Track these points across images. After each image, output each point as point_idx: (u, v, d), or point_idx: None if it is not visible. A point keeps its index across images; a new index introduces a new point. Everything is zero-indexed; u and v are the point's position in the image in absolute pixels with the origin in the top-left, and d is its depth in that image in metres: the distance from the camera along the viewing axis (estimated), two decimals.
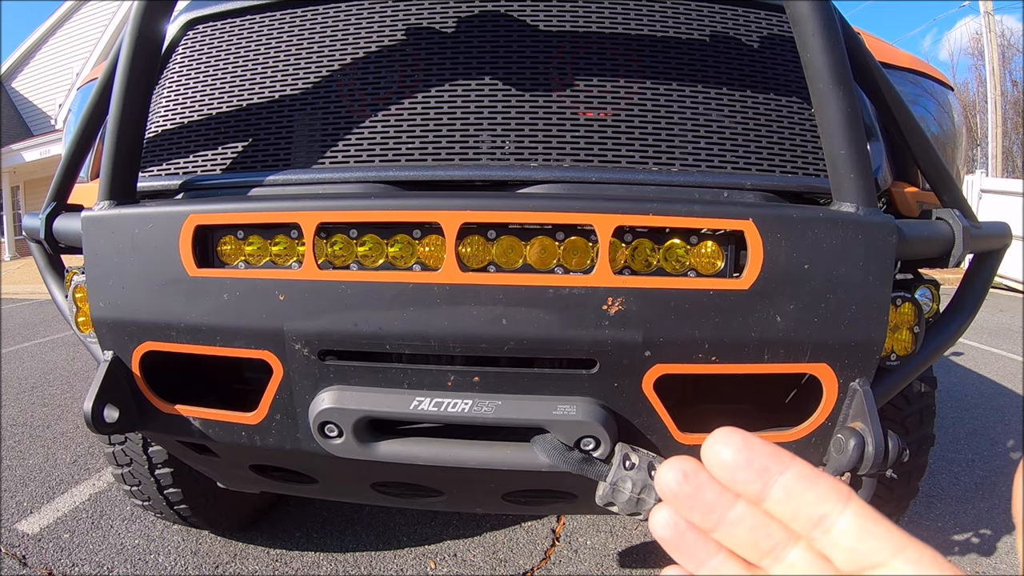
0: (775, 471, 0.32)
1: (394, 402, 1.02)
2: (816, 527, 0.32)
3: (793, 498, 0.32)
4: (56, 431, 3.33)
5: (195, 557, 2.09)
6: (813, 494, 0.32)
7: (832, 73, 0.97)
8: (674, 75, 1.11)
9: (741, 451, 0.32)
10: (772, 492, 0.32)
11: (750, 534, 0.33)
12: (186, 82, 1.27)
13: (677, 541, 0.35)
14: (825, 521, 0.31)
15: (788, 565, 0.33)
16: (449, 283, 0.95)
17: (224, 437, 1.16)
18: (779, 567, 0.33)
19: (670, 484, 0.34)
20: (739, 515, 0.33)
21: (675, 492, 0.34)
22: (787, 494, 0.32)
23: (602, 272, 0.94)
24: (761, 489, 0.32)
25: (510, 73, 1.11)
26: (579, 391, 1.01)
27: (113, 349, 1.13)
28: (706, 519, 0.34)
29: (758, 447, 0.33)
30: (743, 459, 0.32)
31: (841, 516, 0.31)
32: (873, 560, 0.30)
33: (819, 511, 0.31)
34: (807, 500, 0.32)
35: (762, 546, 0.33)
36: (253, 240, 1.04)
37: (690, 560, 0.35)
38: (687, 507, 0.34)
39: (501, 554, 2.11)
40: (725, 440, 0.33)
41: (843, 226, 0.96)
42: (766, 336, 0.97)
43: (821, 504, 0.31)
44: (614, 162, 1.08)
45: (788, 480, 0.32)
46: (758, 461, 0.32)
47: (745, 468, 0.32)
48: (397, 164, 1.10)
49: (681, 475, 0.34)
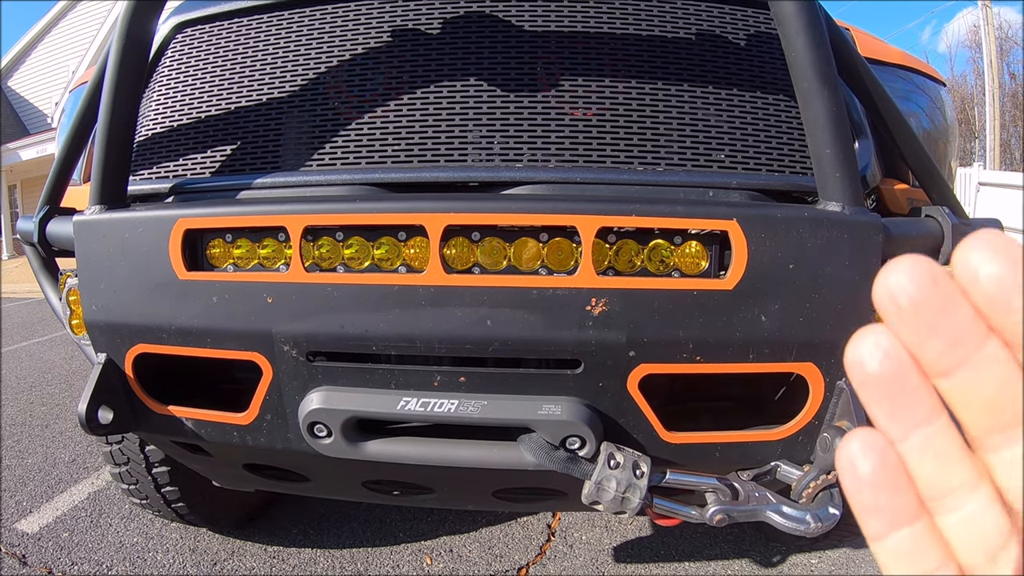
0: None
1: (381, 402, 1.03)
2: (1003, 432, 0.22)
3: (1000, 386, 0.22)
4: (55, 430, 3.34)
5: (193, 554, 2.10)
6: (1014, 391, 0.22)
7: (817, 72, 0.97)
8: (659, 74, 1.12)
9: (1014, 267, 0.21)
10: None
11: (996, 391, 0.22)
12: (175, 85, 1.27)
13: (893, 380, 0.23)
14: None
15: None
16: (434, 284, 0.96)
17: (216, 437, 1.17)
18: (1011, 450, 0.23)
19: (907, 288, 0.22)
20: (989, 358, 0.22)
21: (915, 303, 0.22)
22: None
23: (585, 273, 0.94)
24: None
25: (495, 74, 1.11)
26: (564, 391, 1.02)
27: (106, 351, 1.14)
28: (946, 356, 0.22)
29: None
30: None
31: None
32: None
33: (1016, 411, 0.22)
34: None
35: (1004, 415, 0.22)
36: (241, 243, 1.05)
37: (901, 418, 0.24)
38: (925, 331, 0.22)
39: (496, 549, 2.12)
40: (997, 247, 0.21)
41: (828, 225, 0.97)
42: (751, 336, 0.98)
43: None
44: (599, 162, 1.09)
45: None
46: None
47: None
48: (383, 166, 1.10)
49: (928, 276, 0.22)
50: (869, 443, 0.24)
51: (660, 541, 2.16)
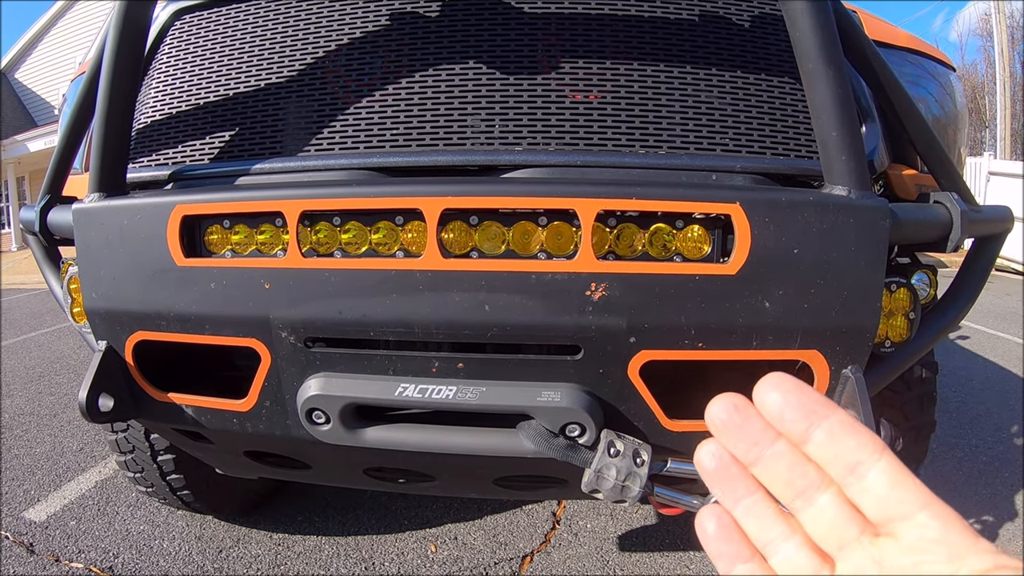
0: (821, 415, 0.33)
1: (379, 388, 1.02)
2: (851, 473, 0.33)
3: (834, 442, 0.33)
4: (63, 419, 3.36)
5: (199, 542, 2.11)
6: (853, 441, 0.33)
7: (822, 53, 0.95)
8: (661, 56, 1.10)
9: (792, 393, 0.34)
10: (815, 435, 0.33)
11: (787, 472, 0.34)
12: (173, 72, 1.26)
13: (720, 473, 0.36)
14: (860, 467, 0.32)
15: (818, 508, 0.34)
16: (432, 269, 0.95)
17: (216, 424, 1.17)
18: (810, 509, 0.34)
19: (720, 415, 0.35)
20: (779, 452, 0.34)
21: (724, 422, 0.35)
22: (829, 437, 0.33)
23: (585, 257, 0.93)
24: (805, 430, 0.33)
25: (495, 57, 1.09)
26: (564, 377, 1.01)
27: (107, 339, 1.14)
28: (749, 452, 0.35)
29: (808, 392, 0.34)
30: (794, 400, 0.34)
31: (875, 466, 0.32)
32: (900, 511, 0.31)
33: (856, 458, 0.32)
34: (847, 446, 0.33)
35: (797, 485, 0.34)
36: (239, 229, 1.04)
37: (729, 495, 0.36)
38: (733, 438, 0.35)
39: (501, 537, 2.12)
40: (777, 383, 0.34)
41: (834, 210, 0.95)
42: (754, 322, 0.96)
43: (859, 452, 0.32)
44: (600, 145, 1.07)
45: (832, 425, 0.33)
46: (807, 404, 0.33)
47: (795, 409, 0.33)
48: (381, 150, 1.09)
49: (732, 407, 0.35)
50: (709, 511, 0.37)
51: (665, 530, 2.15)
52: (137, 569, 1.96)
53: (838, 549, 0.34)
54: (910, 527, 0.31)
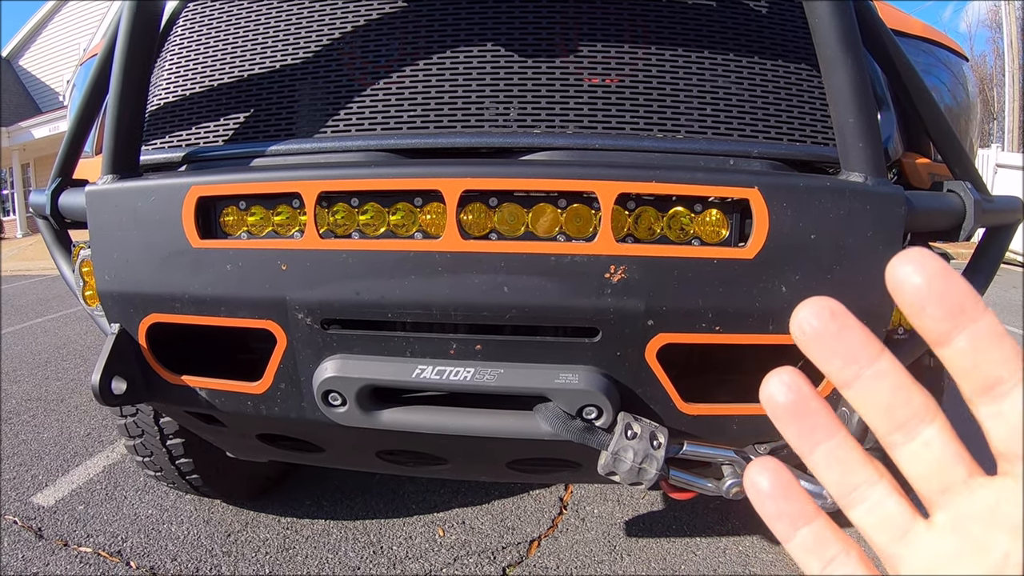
0: (969, 316, 0.25)
1: (396, 370, 1.02)
2: (986, 392, 0.26)
3: (977, 352, 0.25)
4: (70, 404, 3.38)
5: (207, 526, 2.13)
6: (999, 355, 0.25)
7: (840, 39, 0.95)
8: (680, 40, 1.09)
9: (939, 279, 0.25)
10: (957, 340, 0.26)
11: (891, 395, 0.27)
12: (187, 54, 1.26)
13: (797, 408, 0.29)
14: (999, 387, 0.25)
15: (922, 442, 0.28)
16: (450, 251, 0.95)
17: (230, 407, 1.17)
18: (910, 444, 0.28)
19: (810, 320, 0.28)
20: (882, 371, 0.27)
21: (816, 330, 0.28)
22: (973, 345, 0.25)
23: (604, 240, 0.93)
24: (948, 332, 0.26)
25: (513, 39, 1.09)
26: (581, 360, 1.01)
27: (120, 322, 1.14)
28: (845, 368, 0.28)
29: (958, 282, 0.26)
30: (941, 289, 0.25)
31: (1017, 388, 0.25)
32: None
33: (997, 373, 0.25)
34: (990, 359, 0.25)
35: (899, 414, 0.28)
36: (255, 210, 1.04)
37: (807, 437, 0.30)
38: (827, 351, 0.28)
39: (509, 522, 2.13)
40: (920, 260, 0.26)
41: (850, 196, 0.95)
42: (770, 306, 0.96)
43: (1003, 367, 0.25)
44: (618, 129, 1.07)
45: (979, 330, 0.25)
46: (956, 298, 0.25)
47: (940, 301, 0.25)
48: (399, 132, 1.09)
49: (827, 312, 0.28)
50: (763, 466, 0.32)
51: (672, 516, 2.16)
52: (146, 553, 1.98)
53: (941, 493, 0.27)
54: None
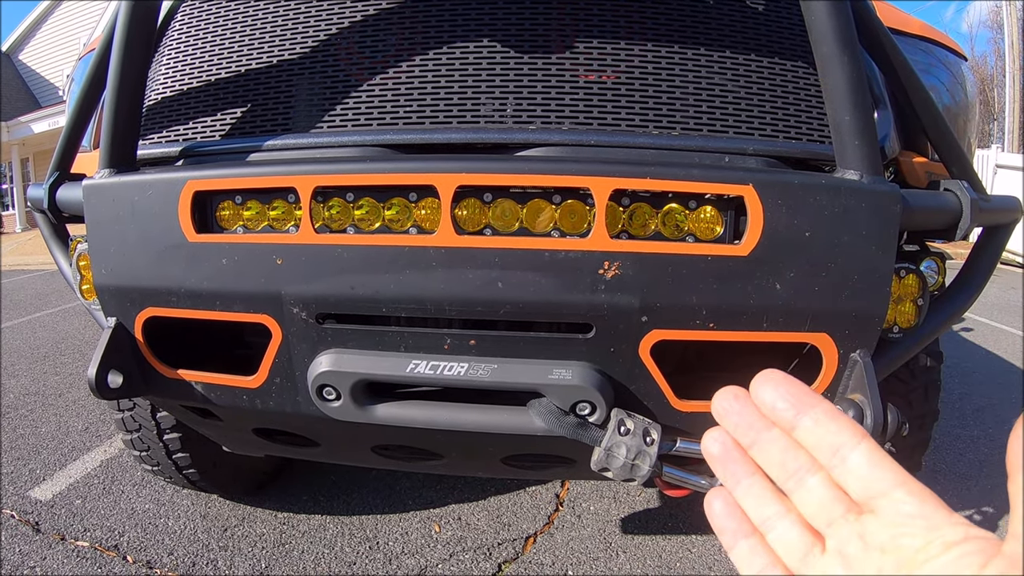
0: (808, 405, 0.37)
1: (391, 365, 1.03)
2: (835, 455, 0.36)
3: (819, 427, 0.37)
4: (68, 399, 3.38)
5: (204, 520, 2.13)
6: (835, 426, 0.37)
7: (837, 37, 0.95)
8: (676, 37, 1.09)
9: (783, 385, 0.38)
10: (803, 421, 0.37)
11: (781, 454, 0.39)
12: (184, 49, 1.26)
13: (724, 457, 0.41)
14: (842, 450, 0.36)
15: (808, 488, 0.38)
16: (445, 246, 0.95)
17: (226, 401, 1.17)
18: (801, 490, 0.38)
19: (723, 403, 0.40)
20: (774, 437, 0.39)
21: (726, 409, 0.40)
22: (815, 423, 0.37)
23: (599, 236, 0.93)
24: (794, 417, 0.38)
25: (509, 35, 1.09)
26: (575, 356, 1.01)
27: (116, 315, 1.14)
28: (747, 435, 0.40)
29: (798, 385, 0.38)
30: (784, 392, 0.38)
31: (856, 449, 0.36)
32: (879, 489, 0.35)
33: (838, 441, 0.36)
34: (830, 430, 0.37)
35: (789, 467, 0.38)
36: (251, 205, 1.04)
37: (731, 476, 0.41)
38: (734, 424, 0.40)
39: (505, 518, 2.14)
40: (770, 377, 0.39)
41: (846, 194, 0.95)
42: (765, 304, 0.97)
43: (840, 436, 0.36)
44: (614, 125, 1.07)
45: (817, 413, 0.37)
46: (796, 395, 0.38)
47: (785, 399, 0.38)
48: (394, 127, 1.09)
49: (732, 396, 0.40)
50: (716, 492, 0.42)
51: (668, 513, 2.17)
52: (142, 548, 1.98)
53: (827, 526, 0.37)
54: (889, 503, 0.34)
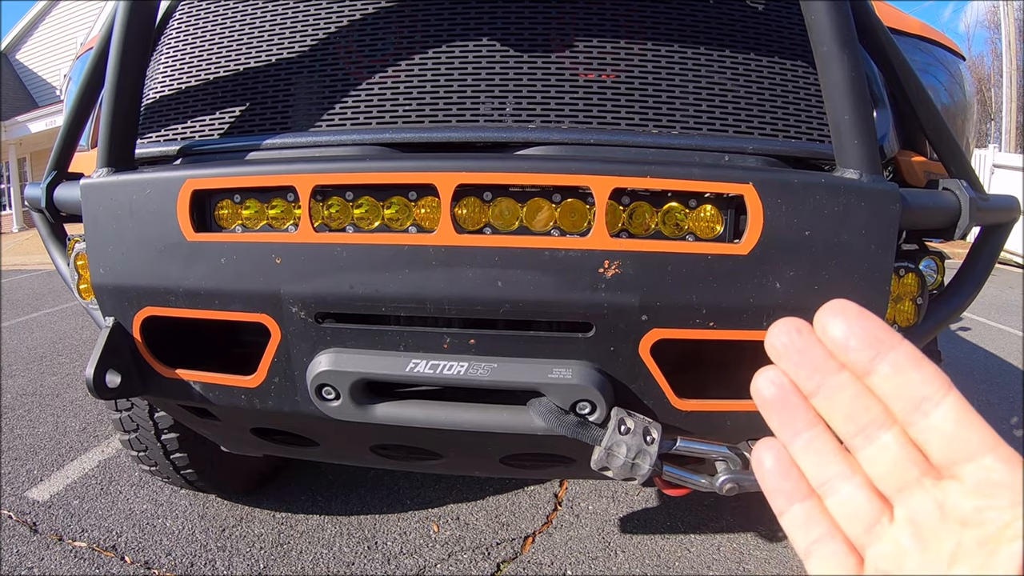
0: (888, 345, 0.31)
1: (390, 364, 1.02)
2: (916, 409, 0.31)
3: (900, 375, 0.31)
4: (65, 399, 3.37)
5: (202, 521, 2.13)
6: (919, 375, 0.31)
7: (836, 36, 0.95)
8: (676, 36, 1.09)
9: (856, 320, 0.32)
10: (880, 367, 0.31)
11: (850, 404, 0.33)
12: (183, 48, 1.25)
13: (780, 402, 0.35)
14: (925, 404, 0.31)
15: (880, 446, 0.32)
16: (444, 245, 0.95)
17: (224, 400, 1.17)
18: (870, 447, 0.33)
19: (781, 337, 0.34)
20: (843, 383, 0.33)
21: (785, 345, 0.34)
22: (895, 369, 0.31)
23: (599, 234, 0.93)
24: (870, 361, 0.32)
25: (508, 34, 1.09)
26: (575, 355, 1.01)
27: (114, 315, 1.14)
28: (810, 380, 0.34)
29: (873, 320, 0.32)
30: (858, 328, 0.32)
31: (942, 403, 0.30)
32: (966, 452, 0.30)
33: (922, 392, 0.31)
34: (912, 380, 0.31)
35: (859, 420, 0.33)
36: (250, 204, 1.04)
37: (787, 427, 0.35)
38: (794, 363, 0.34)
39: (503, 518, 2.14)
40: (841, 309, 0.32)
41: (846, 192, 0.95)
42: (765, 302, 0.96)
43: (925, 387, 0.31)
44: (614, 124, 1.06)
45: (898, 356, 0.31)
46: (874, 333, 0.32)
47: (860, 337, 0.32)
48: (394, 126, 1.08)
49: (794, 330, 0.34)
50: (769, 445, 0.36)
51: (666, 512, 2.17)
52: (140, 548, 1.98)
53: (898, 491, 0.32)
54: (975, 469, 0.30)
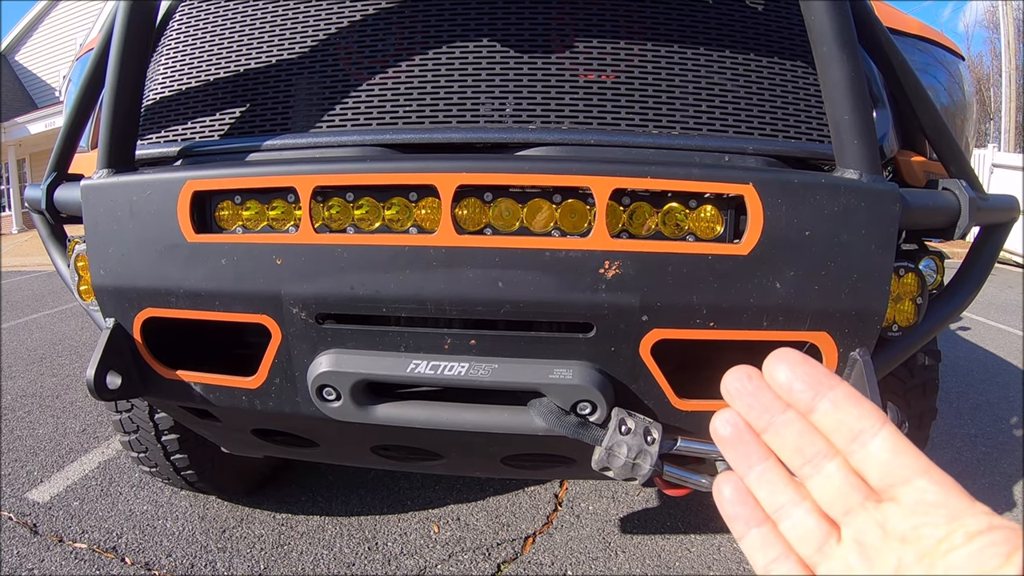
0: (827, 386, 0.35)
1: (391, 365, 1.02)
2: (855, 440, 0.34)
3: (839, 411, 0.35)
4: (65, 401, 3.37)
5: (203, 522, 2.13)
6: (856, 410, 0.34)
7: (836, 36, 0.95)
8: (676, 36, 1.09)
9: (800, 366, 0.36)
10: (821, 404, 0.35)
11: (796, 439, 0.36)
12: (183, 48, 1.25)
13: (734, 439, 0.38)
14: (863, 436, 0.34)
15: (825, 475, 0.36)
16: (445, 245, 0.95)
17: (225, 401, 1.17)
18: (817, 477, 0.36)
19: (734, 383, 0.37)
20: (789, 420, 0.36)
21: (738, 390, 0.37)
22: (834, 407, 0.35)
23: (599, 235, 0.93)
24: (812, 400, 0.35)
25: (508, 34, 1.09)
26: (576, 355, 1.01)
27: (115, 316, 1.14)
28: (760, 419, 0.37)
29: (815, 365, 0.36)
30: (801, 372, 0.35)
31: (878, 435, 0.34)
32: (901, 477, 0.33)
33: (859, 426, 0.34)
34: (850, 415, 0.34)
35: (805, 452, 0.36)
36: (250, 205, 1.04)
37: (743, 460, 0.38)
38: (746, 405, 0.37)
39: (504, 518, 2.14)
40: (785, 357, 0.36)
41: (845, 193, 0.95)
42: (765, 303, 0.97)
43: (862, 420, 0.34)
44: (614, 124, 1.07)
45: (837, 395, 0.35)
46: (814, 376, 0.35)
47: (802, 380, 0.35)
48: (394, 127, 1.09)
49: (745, 376, 0.37)
50: (726, 477, 0.39)
51: (666, 512, 2.17)
52: (141, 549, 1.98)
53: (844, 514, 0.35)
54: (910, 492, 0.33)
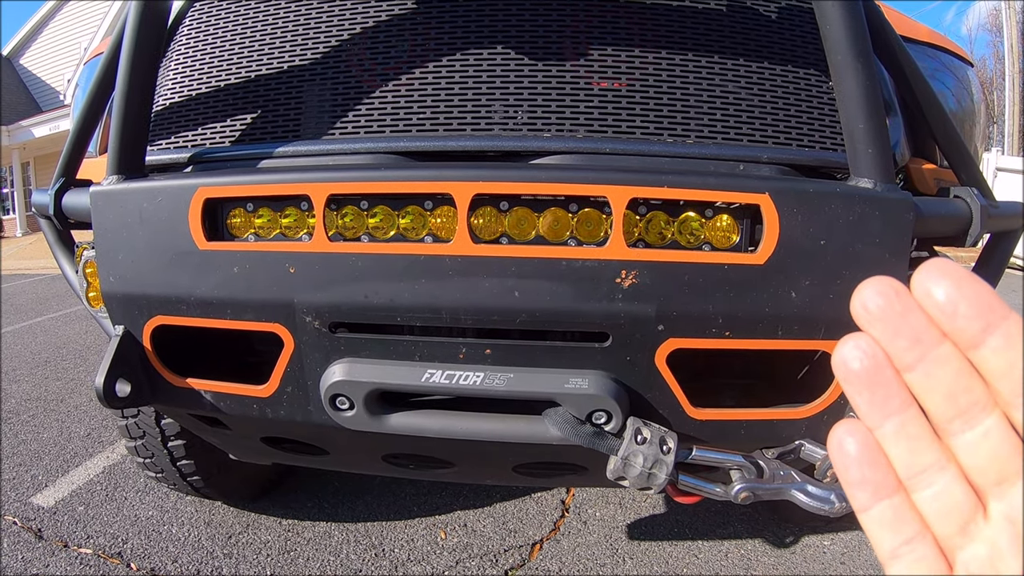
0: (1000, 315, 0.26)
1: (405, 374, 1.02)
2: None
3: (1012, 349, 0.26)
4: (70, 405, 3.37)
5: (208, 527, 2.12)
6: None
7: (851, 45, 0.95)
8: (691, 45, 1.09)
9: (967, 284, 0.26)
10: (990, 339, 0.26)
11: (952, 382, 0.27)
12: (194, 54, 1.25)
13: (870, 376, 0.29)
14: None
15: (981, 432, 0.27)
16: (461, 255, 0.94)
17: (235, 410, 1.16)
18: (969, 433, 0.28)
19: (875, 299, 0.28)
20: (945, 356, 0.27)
21: (881, 308, 0.28)
22: (1008, 343, 0.26)
23: (616, 244, 0.93)
24: (980, 332, 0.26)
25: (523, 42, 1.08)
26: (591, 364, 1.00)
27: (124, 324, 1.13)
28: (909, 352, 0.28)
29: (983, 285, 0.26)
30: (970, 293, 0.26)
31: None
32: None
33: None
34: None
35: (960, 401, 0.27)
36: (263, 212, 1.04)
37: (877, 407, 0.29)
38: (890, 332, 0.28)
39: (511, 524, 2.13)
40: (946, 270, 0.27)
41: (860, 202, 0.95)
42: (781, 312, 0.96)
43: None
44: (628, 133, 1.06)
45: (1011, 328, 0.26)
46: (985, 300, 0.26)
47: (971, 303, 0.26)
48: (408, 135, 1.08)
49: (892, 291, 0.28)
50: (853, 428, 0.30)
51: (674, 519, 2.16)
52: (146, 555, 1.97)
53: (996, 484, 0.28)
54: None
